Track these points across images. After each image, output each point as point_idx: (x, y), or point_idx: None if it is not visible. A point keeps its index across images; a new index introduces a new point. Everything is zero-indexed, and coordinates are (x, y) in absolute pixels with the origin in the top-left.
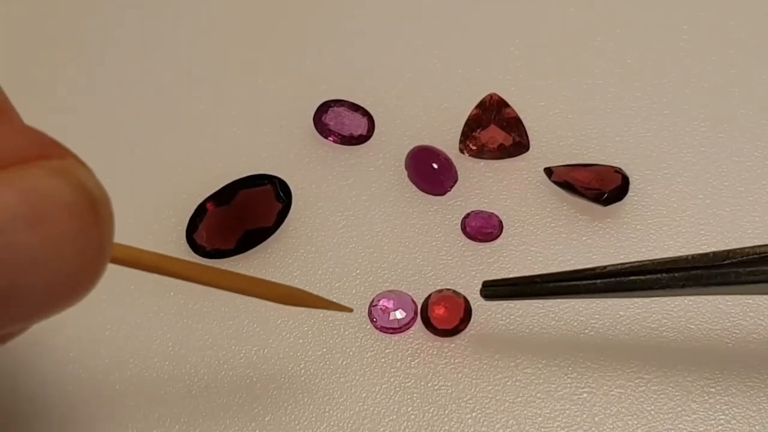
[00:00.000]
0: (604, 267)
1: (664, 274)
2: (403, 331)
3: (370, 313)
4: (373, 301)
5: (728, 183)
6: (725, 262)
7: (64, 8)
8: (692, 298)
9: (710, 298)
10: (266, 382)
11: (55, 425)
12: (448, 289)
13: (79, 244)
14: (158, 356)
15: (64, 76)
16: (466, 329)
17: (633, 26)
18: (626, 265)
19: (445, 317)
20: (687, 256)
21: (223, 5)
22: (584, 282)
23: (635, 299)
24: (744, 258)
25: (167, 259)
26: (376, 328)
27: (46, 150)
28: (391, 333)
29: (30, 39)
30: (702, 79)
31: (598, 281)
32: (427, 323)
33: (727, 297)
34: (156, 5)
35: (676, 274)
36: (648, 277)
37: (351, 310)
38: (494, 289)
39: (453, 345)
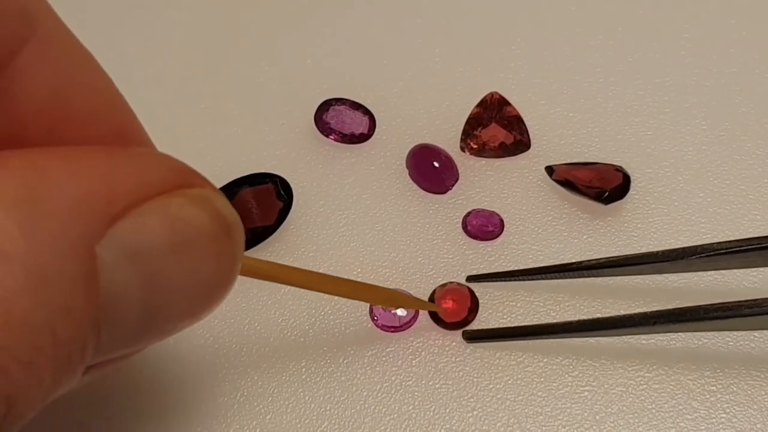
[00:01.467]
0: (580, 262)
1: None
2: (404, 329)
3: (371, 311)
4: None
5: (729, 181)
6: (693, 256)
7: (64, 7)
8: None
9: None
10: (267, 381)
11: (51, 427)
12: (452, 282)
13: (216, 267)
14: (158, 356)
15: None
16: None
17: (634, 25)
18: (601, 260)
19: (454, 310)
20: (657, 252)
21: (224, 4)
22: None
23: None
24: (712, 253)
25: (282, 268)
26: (378, 326)
27: (186, 179)
28: (393, 331)
29: None
30: (703, 78)
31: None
32: (436, 318)
33: (728, 296)
34: (156, 4)
35: (648, 312)
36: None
37: (444, 310)
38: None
39: (454, 344)
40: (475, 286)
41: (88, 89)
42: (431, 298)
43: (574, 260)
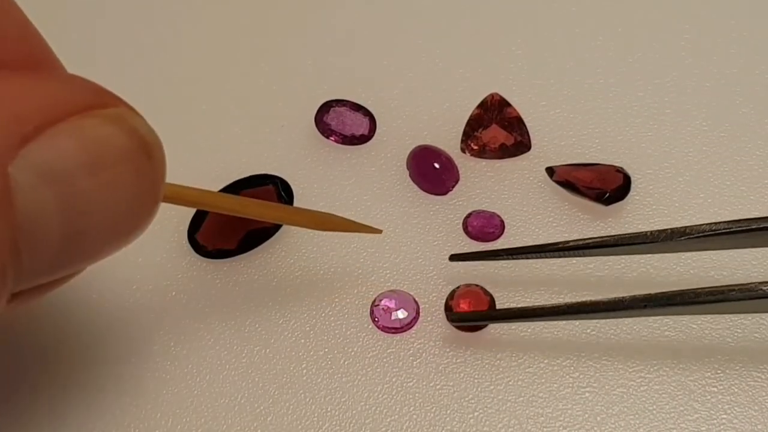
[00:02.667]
0: (566, 242)
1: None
2: (405, 331)
3: (371, 312)
4: (374, 300)
5: (730, 182)
6: (682, 238)
7: (64, 6)
8: None
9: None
10: (268, 382)
11: (52, 426)
12: (477, 285)
13: (136, 187)
14: (159, 356)
15: None
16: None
17: (634, 25)
18: (588, 240)
19: (467, 312)
20: (646, 232)
21: (224, 5)
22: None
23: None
24: (700, 234)
25: (209, 194)
26: (378, 327)
27: (100, 99)
28: (393, 333)
29: None
30: (703, 79)
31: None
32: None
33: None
34: (156, 4)
35: (639, 295)
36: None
37: (380, 231)
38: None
39: (455, 344)
40: (493, 291)
41: None
42: (452, 294)
43: (573, 261)
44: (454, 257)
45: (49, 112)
